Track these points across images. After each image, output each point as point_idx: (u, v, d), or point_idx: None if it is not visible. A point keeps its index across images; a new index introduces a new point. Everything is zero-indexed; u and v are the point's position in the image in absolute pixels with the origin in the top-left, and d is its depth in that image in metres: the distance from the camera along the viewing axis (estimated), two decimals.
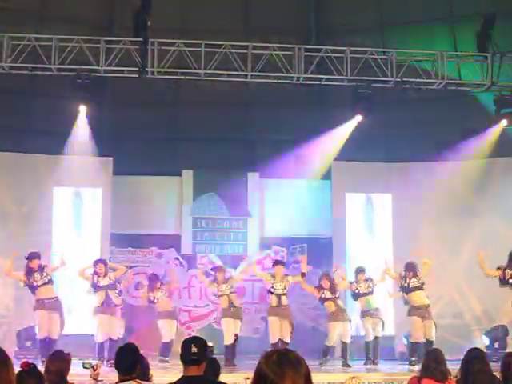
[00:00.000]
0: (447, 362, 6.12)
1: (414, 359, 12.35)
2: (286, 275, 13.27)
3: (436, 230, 15.60)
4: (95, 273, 13.06)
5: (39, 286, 12.57)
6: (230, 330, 12.91)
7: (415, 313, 12.84)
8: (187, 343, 5.05)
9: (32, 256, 12.69)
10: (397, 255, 15.43)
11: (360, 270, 13.65)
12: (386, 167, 16.07)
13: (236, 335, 12.93)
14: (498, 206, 15.29)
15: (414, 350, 12.57)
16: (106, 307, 12.86)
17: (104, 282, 12.97)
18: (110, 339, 12.61)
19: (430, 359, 6.10)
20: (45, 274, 12.68)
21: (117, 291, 13.17)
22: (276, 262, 13.62)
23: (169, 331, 13.25)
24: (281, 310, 12.88)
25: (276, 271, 13.12)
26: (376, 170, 16.02)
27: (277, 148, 16.73)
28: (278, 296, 12.92)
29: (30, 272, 12.60)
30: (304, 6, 17.22)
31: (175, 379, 4.98)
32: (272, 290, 12.95)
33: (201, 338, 5.23)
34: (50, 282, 12.72)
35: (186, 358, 4.97)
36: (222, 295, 13.20)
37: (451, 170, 15.70)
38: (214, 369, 5.74)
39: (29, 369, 4.42)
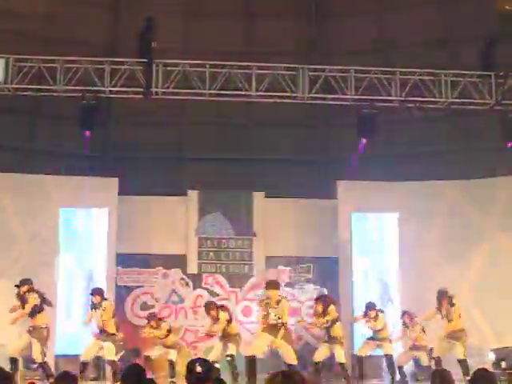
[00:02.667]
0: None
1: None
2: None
3: (443, 248, 15.54)
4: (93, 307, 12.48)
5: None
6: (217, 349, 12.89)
7: None
8: (192, 364, 5.04)
9: (23, 283, 12.35)
10: (402, 273, 15.40)
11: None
12: (392, 186, 16.04)
13: (230, 355, 12.77)
14: (506, 225, 15.24)
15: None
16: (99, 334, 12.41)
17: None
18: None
19: (437, 380, 6.04)
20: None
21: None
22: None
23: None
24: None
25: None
26: (382, 190, 15.98)
27: (282, 167, 16.77)
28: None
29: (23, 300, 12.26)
30: (308, 26, 17.31)
31: None
32: None
33: (206, 360, 5.22)
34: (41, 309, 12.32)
35: (191, 379, 4.96)
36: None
37: (458, 189, 15.69)
38: None
39: None
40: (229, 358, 12.61)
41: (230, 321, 12.95)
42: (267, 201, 16.68)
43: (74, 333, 14.91)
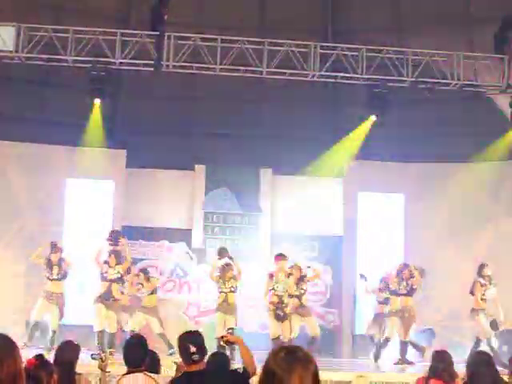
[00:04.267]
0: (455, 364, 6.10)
1: None
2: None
3: (449, 230, 15.55)
4: (106, 262, 13.22)
5: (51, 280, 13.19)
6: (220, 324, 13.09)
7: None
8: (184, 343, 4.98)
9: (54, 249, 13.26)
10: (407, 254, 15.42)
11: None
12: (399, 167, 16.02)
13: (230, 329, 12.90)
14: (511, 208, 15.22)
15: None
16: (104, 299, 13.00)
17: (112, 275, 13.11)
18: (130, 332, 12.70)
19: (437, 361, 6.08)
20: (62, 268, 13.25)
21: (120, 286, 13.33)
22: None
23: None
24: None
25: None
26: (389, 170, 15.97)
27: (290, 145, 16.72)
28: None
29: (49, 264, 13.20)
30: (320, 4, 17.19)
31: None
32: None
33: (197, 334, 5.16)
34: (64, 277, 13.28)
35: (187, 359, 4.94)
36: (221, 292, 13.28)
37: (465, 172, 15.65)
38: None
39: (37, 365, 4.41)
40: (230, 331, 12.69)
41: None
42: (274, 178, 16.67)
43: (83, 304, 14.99)
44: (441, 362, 6.02)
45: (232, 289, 13.21)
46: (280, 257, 13.28)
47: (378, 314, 14.15)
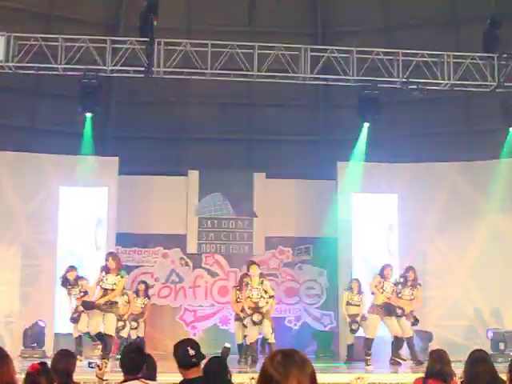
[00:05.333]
0: (452, 364, 6.10)
1: None
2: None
3: (442, 230, 15.58)
4: (105, 269, 12.20)
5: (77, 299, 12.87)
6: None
7: None
8: (183, 347, 5.00)
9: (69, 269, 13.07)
10: (401, 254, 15.44)
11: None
12: (392, 168, 16.04)
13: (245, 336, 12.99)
14: (504, 206, 15.25)
15: None
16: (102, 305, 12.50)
17: (107, 284, 12.10)
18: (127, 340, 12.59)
19: (434, 360, 6.08)
20: (80, 286, 12.89)
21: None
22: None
23: None
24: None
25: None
26: (381, 171, 15.99)
27: (283, 148, 16.75)
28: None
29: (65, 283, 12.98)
30: (310, 7, 17.22)
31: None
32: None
33: (194, 341, 5.16)
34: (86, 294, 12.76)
35: (187, 362, 4.94)
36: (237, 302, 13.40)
37: (457, 171, 15.69)
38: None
39: (39, 371, 4.42)
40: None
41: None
42: (268, 181, 16.67)
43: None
44: (438, 362, 6.02)
45: None
46: (253, 263, 13.10)
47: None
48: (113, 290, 11.93)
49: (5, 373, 2.91)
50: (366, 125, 14.51)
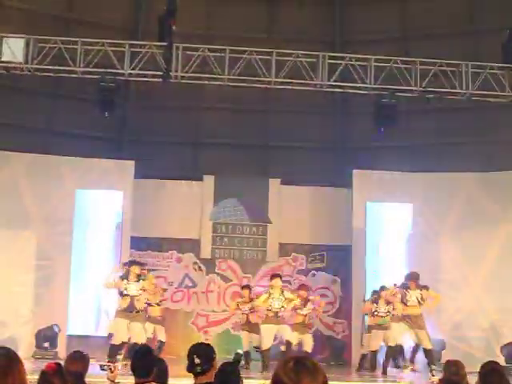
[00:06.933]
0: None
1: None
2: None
3: (457, 241, 15.49)
4: (125, 277, 12.11)
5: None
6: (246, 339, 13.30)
7: None
8: (190, 355, 4.99)
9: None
10: (415, 264, 15.36)
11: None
12: (407, 177, 15.98)
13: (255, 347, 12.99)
14: None
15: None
16: (127, 312, 12.27)
17: (131, 290, 12.03)
18: (135, 343, 12.50)
19: (451, 371, 6.02)
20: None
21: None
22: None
23: None
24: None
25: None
26: (397, 180, 15.94)
27: (298, 154, 16.74)
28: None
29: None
30: (329, 14, 17.23)
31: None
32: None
33: (206, 347, 5.14)
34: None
35: (192, 371, 4.94)
36: (243, 313, 13.41)
37: (472, 181, 15.61)
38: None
39: (55, 371, 4.43)
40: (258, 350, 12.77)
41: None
42: (282, 188, 16.67)
43: (87, 314, 15.08)
44: (455, 375, 5.95)
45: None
46: (277, 276, 13.20)
47: None
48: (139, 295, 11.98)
49: (16, 377, 2.93)
50: (382, 134, 14.43)
